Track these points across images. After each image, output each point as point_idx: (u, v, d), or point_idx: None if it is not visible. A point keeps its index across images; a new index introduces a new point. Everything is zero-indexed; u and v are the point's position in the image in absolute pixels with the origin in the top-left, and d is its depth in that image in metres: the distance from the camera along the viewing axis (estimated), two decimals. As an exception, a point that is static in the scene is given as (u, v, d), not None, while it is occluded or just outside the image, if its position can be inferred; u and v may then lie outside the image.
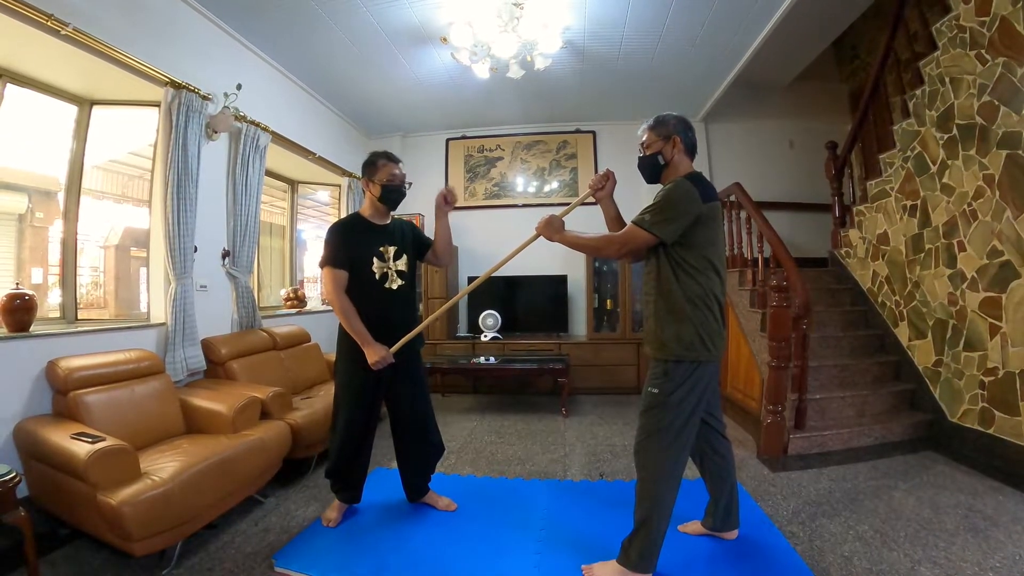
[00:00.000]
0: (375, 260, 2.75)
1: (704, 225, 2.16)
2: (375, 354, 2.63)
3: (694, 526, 2.67)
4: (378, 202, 2.81)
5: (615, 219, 2.58)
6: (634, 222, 2.22)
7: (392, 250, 2.81)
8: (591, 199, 2.66)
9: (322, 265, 2.73)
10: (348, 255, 2.70)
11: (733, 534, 2.59)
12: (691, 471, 2.62)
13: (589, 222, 2.82)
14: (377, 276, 2.74)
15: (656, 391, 2.21)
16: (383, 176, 2.78)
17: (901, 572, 2.25)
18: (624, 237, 2.24)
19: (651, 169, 2.38)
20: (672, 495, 2.22)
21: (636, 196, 6.69)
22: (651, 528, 2.19)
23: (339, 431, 2.79)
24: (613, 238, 2.31)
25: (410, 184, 2.93)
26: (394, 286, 2.79)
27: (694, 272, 2.17)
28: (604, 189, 2.56)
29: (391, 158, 2.84)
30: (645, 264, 2.35)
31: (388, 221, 2.90)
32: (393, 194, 2.81)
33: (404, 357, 2.78)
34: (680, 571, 2.33)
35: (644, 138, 2.40)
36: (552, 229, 2.48)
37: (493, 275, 2.97)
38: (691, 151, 2.35)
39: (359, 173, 6.26)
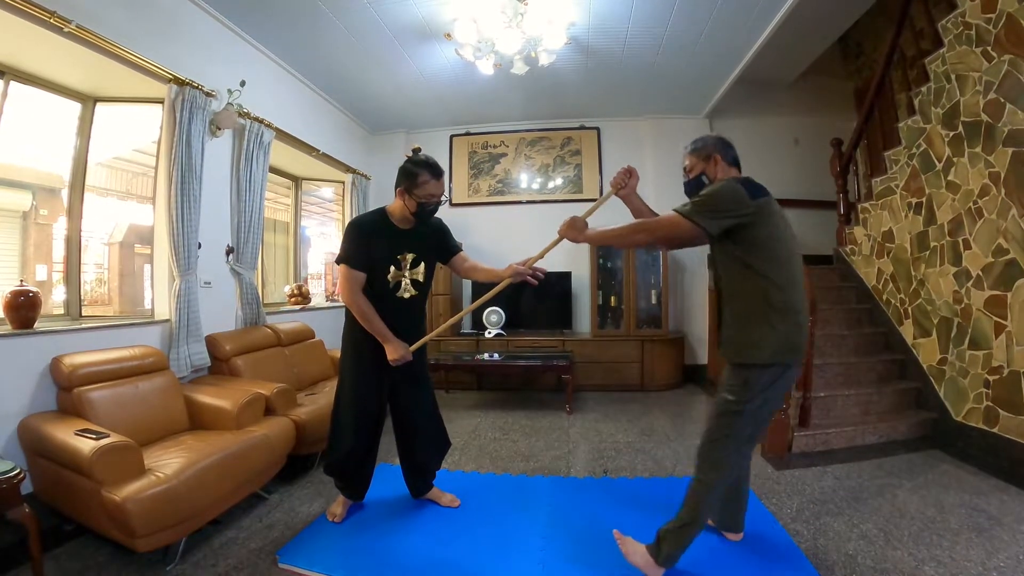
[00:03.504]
0: (392, 268, 2.67)
1: (763, 223, 2.09)
2: (396, 351, 2.60)
3: None
4: (410, 215, 2.67)
5: (643, 213, 2.56)
6: (674, 210, 2.14)
7: (410, 258, 2.73)
8: (614, 196, 2.62)
9: (339, 261, 2.64)
10: (367, 257, 2.62)
11: (739, 536, 2.59)
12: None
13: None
14: (391, 284, 2.68)
15: (732, 399, 2.15)
16: (421, 194, 2.58)
17: (905, 571, 2.25)
18: (657, 223, 2.21)
19: (698, 191, 2.28)
20: (719, 502, 2.23)
21: (640, 196, 6.69)
22: (691, 531, 2.19)
23: (347, 430, 2.77)
24: (643, 224, 2.26)
25: (448, 201, 2.83)
26: (406, 295, 2.72)
27: (769, 272, 2.09)
28: (627, 186, 2.54)
29: (435, 172, 2.61)
30: (718, 268, 2.28)
31: (413, 224, 2.76)
32: (428, 214, 2.69)
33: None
34: (684, 568, 2.33)
35: (685, 163, 2.39)
36: (576, 230, 2.45)
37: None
38: (735, 165, 2.33)
39: (363, 170, 6.31)
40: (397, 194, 2.65)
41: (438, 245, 2.89)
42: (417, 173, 2.58)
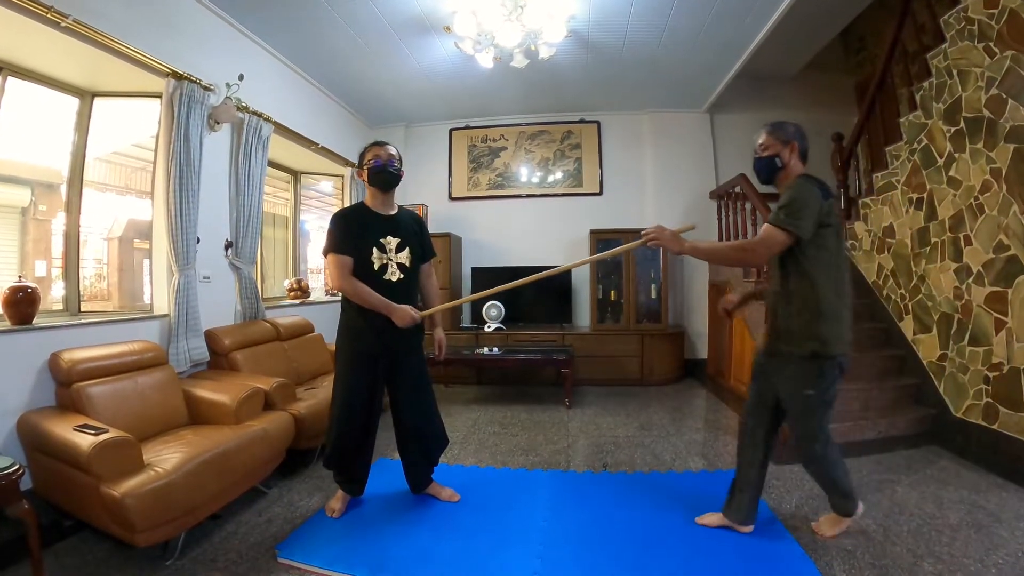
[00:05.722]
0: (375, 251, 2.73)
1: (828, 224, 2.22)
2: (403, 315, 2.65)
3: (714, 518, 2.67)
4: (370, 187, 2.81)
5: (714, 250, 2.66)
6: (770, 223, 2.24)
7: (394, 242, 2.79)
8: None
9: (326, 253, 2.72)
10: (351, 242, 2.69)
11: (750, 528, 2.60)
12: (723, 461, 2.61)
13: (589, 216, 2.78)
14: (376, 267, 2.72)
15: (813, 392, 2.31)
16: (368, 158, 2.78)
17: (903, 567, 2.25)
18: (762, 241, 2.25)
19: (768, 171, 2.45)
20: (841, 461, 2.46)
21: (640, 191, 6.69)
22: (841, 485, 2.45)
23: (340, 424, 2.79)
24: (751, 244, 2.33)
25: (400, 162, 2.85)
26: (393, 278, 2.75)
27: (830, 270, 2.25)
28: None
29: (377, 143, 2.85)
30: (778, 267, 2.39)
31: (394, 211, 2.88)
32: (378, 175, 2.77)
33: (404, 348, 2.79)
34: (682, 564, 2.34)
35: (762, 140, 2.46)
36: (677, 241, 2.39)
37: (497, 266, 2.94)
38: (804, 157, 2.43)
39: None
40: (359, 179, 2.88)
41: (419, 236, 2.94)
42: (362, 151, 2.87)
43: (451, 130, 7.13)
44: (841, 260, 2.29)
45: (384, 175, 2.78)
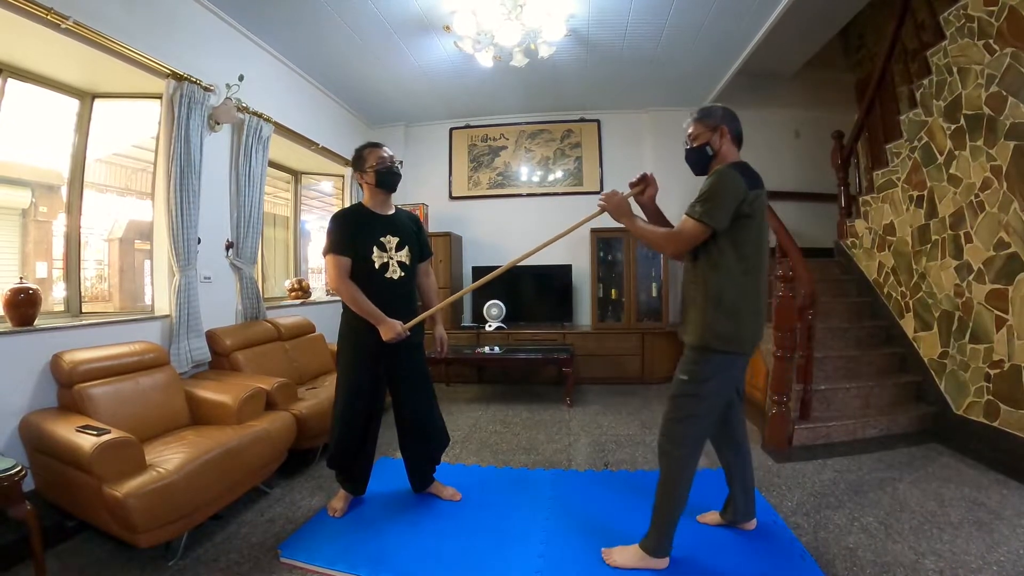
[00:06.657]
0: (376, 249, 2.74)
1: (749, 215, 2.10)
2: (390, 330, 2.64)
3: (712, 516, 2.68)
4: (377, 189, 2.82)
5: (659, 223, 2.53)
6: (686, 215, 2.17)
7: (394, 240, 2.81)
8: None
9: (325, 253, 2.73)
10: (351, 242, 2.70)
11: (752, 524, 2.61)
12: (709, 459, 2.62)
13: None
14: (377, 265, 2.74)
15: (686, 378, 2.24)
16: (372, 161, 2.79)
17: (905, 564, 2.26)
18: (680, 235, 2.20)
19: (700, 161, 2.34)
20: (690, 483, 2.27)
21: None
22: (668, 517, 2.24)
23: (341, 423, 2.80)
24: (671, 235, 2.25)
25: (400, 163, 2.93)
26: (395, 276, 2.78)
27: (741, 263, 2.14)
28: (645, 194, 2.51)
29: (375, 144, 2.86)
30: (690, 256, 2.30)
31: (391, 211, 2.90)
32: (388, 176, 2.81)
33: (404, 348, 2.79)
34: (685, 561, 2.34)
35: (690, 130, 2.35)
36: (621, 211, 2.40)
37: (498, 265, 2.95)
38: (738, 140, 2.32)
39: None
40: (358, 182, 2.87)
41: (417, 235, 2.96)
42: (360, 153, 2.85)
43: (451, 129, 7.12)
44: (760, 254, 2.18)
45: (393, 176, 2.84)
